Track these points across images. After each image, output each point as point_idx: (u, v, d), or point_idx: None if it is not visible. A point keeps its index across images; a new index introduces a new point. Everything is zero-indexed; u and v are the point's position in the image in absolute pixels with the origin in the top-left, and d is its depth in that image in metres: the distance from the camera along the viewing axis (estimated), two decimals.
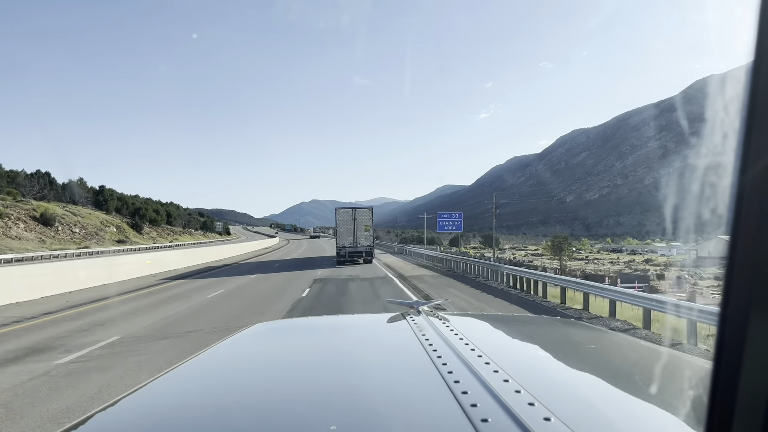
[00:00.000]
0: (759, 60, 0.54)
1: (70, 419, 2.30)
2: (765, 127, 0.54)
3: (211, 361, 1.60)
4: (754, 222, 0.54)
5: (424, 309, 2.04)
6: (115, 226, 63.07)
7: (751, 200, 0.55)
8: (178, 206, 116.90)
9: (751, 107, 0.54)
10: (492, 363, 1.18)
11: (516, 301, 14.94)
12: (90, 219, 59.13)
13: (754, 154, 0.54)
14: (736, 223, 0.56)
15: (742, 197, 0.55)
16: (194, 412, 1.16)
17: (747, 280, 0.55)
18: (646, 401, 1.14)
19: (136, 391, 1.27)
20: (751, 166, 0.54)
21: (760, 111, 0.54)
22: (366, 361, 1.47)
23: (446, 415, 0.96)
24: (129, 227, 66.72)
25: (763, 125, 0.54)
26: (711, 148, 0.71)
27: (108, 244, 54.78)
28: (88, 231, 55.57)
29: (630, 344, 1.95)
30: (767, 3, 0.54)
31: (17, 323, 11.36)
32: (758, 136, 0.54)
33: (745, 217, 0.55)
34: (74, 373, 6.98)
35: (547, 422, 0.86)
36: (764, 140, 0.54)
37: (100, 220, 61.45)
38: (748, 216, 0.55)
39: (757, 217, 0.54)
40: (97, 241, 54.72)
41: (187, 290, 18.28)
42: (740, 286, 0.55)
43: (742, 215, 0.55)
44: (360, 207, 33.56)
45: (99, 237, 56.27)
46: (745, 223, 0.55)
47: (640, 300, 11.06)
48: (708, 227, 1.05)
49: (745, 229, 0.55)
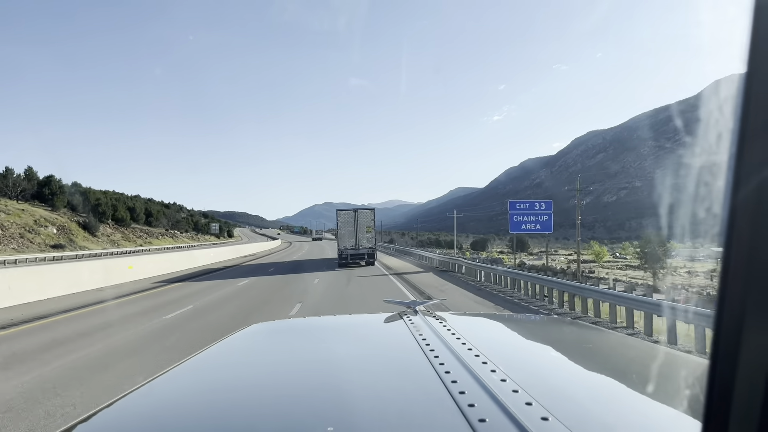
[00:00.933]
0: (752, 69, 0.54)
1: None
2: (759, 137, 0.54)
3: (208, 361, 1.59)
4: (748, 221, 0.55)
5: (421, 309, 2.05)
6: (57, 225, 50.22)
7: (746, 200, 0.55)
8: (169, 205, 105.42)
9: (745, 114, 0.55)
10: (489, 362, 1.19)
11: None
12: (20, 217, 46.39)
13: (748, 158, 0.55)
14: (731, 223, 0.56)
15: (736, 197, 0.56)
16: (191, 412, 1.16)
17: (742, 278, 0.55)
18: (643, 400, 1.14)
19: (132, 392, 1.26)
20: (744, 170, 0.55)
21: (753, 121, 0.54)
22: (363, 362, 1.48)
23: (444, 414, 0.96)
24: (79, 227, 53.65)
25: (757, 136, 0.54)
26: (724, 148, 0.68)
27: (35, 249, 41.84)
28: (9, 232, 42.61)
29: (627, 343, 1.93)
30: (760, 13, 0.54)
31: None
32: (751, 147, 0.55)
33: (740, 216, 0.55)
34: None
35: (544, 422, 0.86)
36: (759, 149, 0.54)
37: (37, 218, 48.66)
38: (743, 215, 0.55)
39: (751, 216, 0.55)
40: (20, 245, 41.75)
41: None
42: (735, 284, 0.56)
43: (737, 214, 0.56)
44: (362, 208, 32.73)
45: (25, 240, 43.32)
46: (740, 222, 0.55)
47: None
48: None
49: (739, 229, 0.55)
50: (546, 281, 14.94)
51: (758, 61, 0.54)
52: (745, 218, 0.55)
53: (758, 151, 0.54)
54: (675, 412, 1.06)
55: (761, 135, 0.54)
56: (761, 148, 0.54)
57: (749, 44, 0.54)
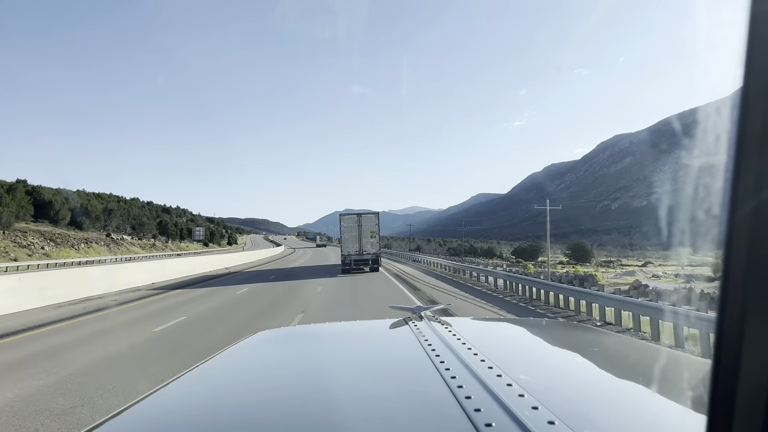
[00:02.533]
0: (747, 87, 0.55)
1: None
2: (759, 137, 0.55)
3: (216, 370, 1.61)
4: (748, 223, 0.55)
5: (426, 314, 2.05)
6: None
7: (745, 201, 0.55)
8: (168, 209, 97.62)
9: (743, 116, 0.55)
10: (495, 367, 1.19)
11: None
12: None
13: (746, 161, 0.55)
14: (730, 224, 0.57)
15: (736, 198, 0.56)
16: (199, 421, 1.16)
17: (742, 279, 0.56)
18: (649, 403, 1.15)
19: (141, 401, 1.26)
20: (743, 172, 0.55)
21: (751, 124, 0.55)
22: (369, 368, 1.50)
23: (450, 420, 0.97)
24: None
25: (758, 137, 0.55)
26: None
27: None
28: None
29: (632, 346, 1.93)
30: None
31: None
32: (751, 149, 0.55)
33: (739, 217, 0.56)
34: None
35: (551, 426, 0.86)
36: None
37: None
38: (742, 217, 0.56)
39: (750, 217, 0.55)
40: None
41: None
42: (736, 285, 0.56)
43: (736, 216, 0.56)
44: (366, 212, 31.38)
45: None
46: (740, 224, 0.56)
47: None
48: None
49: (740, 230, 0.56)
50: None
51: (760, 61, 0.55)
52: (745, 218, 0.55)
53: (758, 151, 0.54)
54: (680, 414, 1.07)
55: (761, 135, 0.54)
56: (761, 148, 0.54)
57: (743, 69, 0.55)
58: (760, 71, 0.55)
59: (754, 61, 0.55)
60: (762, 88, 0.54)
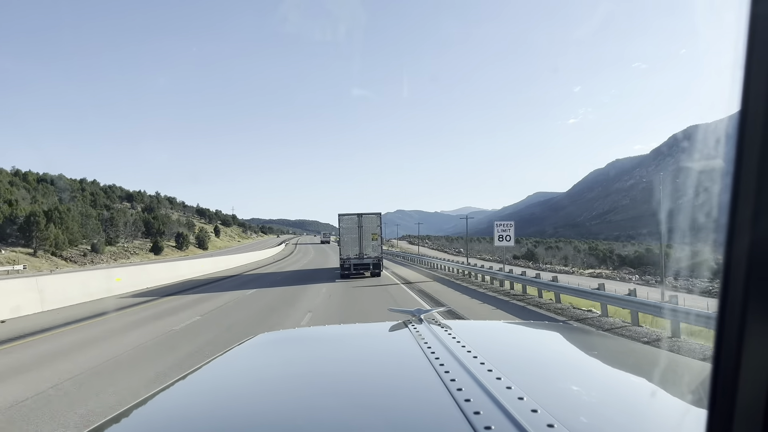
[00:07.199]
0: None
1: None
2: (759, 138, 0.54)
3: (215, 372, 1.61)
4: (749, 221, 0.55)
5: (426, 317, 2.04)
6: None
7: (746, 200, 0.55)
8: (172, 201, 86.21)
9: (743, 117, 0.55)
10: (494, 370, 1.19)
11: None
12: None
13: (750, 159, 0.55)
14: (732, 223, 0.57)
15: (737, 197, 0.56)
16: (199, 424, 1.17)
17: (743, 280, 0.55)
18: (648, 405, 1.16)
19: (140, 404, 1.26)
20: (745, 170, 0.55)
21: (751, 124, 0.55)
22: (368, 371, 1.50)
23: (449, 422, 0.97)
24: None
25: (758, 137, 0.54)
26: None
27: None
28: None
29: (631, 348, 1.95)
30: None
31: None
32: (752, 149, 0.55)
33: (741, 215, 0.56)
34: None
35: (550, 429, 0.86)
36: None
37: None
38: (744, 215, 0.56)
39: (752, 215, 0.55)
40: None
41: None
42: (736, 286, 0.56)
43: (738, 215, 0.56)
44: (367, 213, 28.60)
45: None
46: (741, 222, 0.56)
47: None
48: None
49: (740, 229, 0.56)
50: None
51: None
52: (746, 218, 0.55)
53: (758, 152, 0.54)
54: (680, 416, 1.07)
55: (761, 136, 0.54)
56: (761, 148, 0.54)
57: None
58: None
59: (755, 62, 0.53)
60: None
